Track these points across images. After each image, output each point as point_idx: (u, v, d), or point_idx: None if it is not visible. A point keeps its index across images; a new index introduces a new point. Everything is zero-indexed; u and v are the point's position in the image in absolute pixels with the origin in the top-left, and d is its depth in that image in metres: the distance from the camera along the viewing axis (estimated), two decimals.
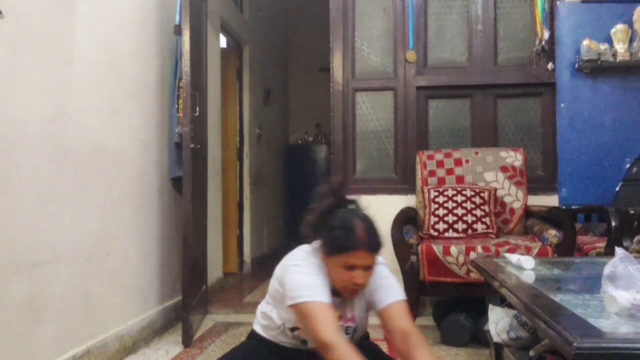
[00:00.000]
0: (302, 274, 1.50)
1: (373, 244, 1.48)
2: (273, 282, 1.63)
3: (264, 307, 1.69)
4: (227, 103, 4.78)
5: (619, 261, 1.23)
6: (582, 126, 3.30)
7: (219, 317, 3.32)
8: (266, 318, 1.67)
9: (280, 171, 6.55)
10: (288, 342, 1.64)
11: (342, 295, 1.53)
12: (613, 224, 2.50)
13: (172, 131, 2.99)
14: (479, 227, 2.91)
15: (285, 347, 1.65)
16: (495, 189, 3.07)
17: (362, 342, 1.72)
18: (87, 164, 2.28)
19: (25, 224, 1.89)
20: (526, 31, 3.49)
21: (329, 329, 1.40)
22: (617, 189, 3.22)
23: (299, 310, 1.46)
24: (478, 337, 2.62)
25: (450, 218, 2.95)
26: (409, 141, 3.51)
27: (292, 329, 1.59)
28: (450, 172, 3.21)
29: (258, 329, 1.70)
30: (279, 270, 1.59)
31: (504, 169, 3.16)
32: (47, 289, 2.00)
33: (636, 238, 2.48)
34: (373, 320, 1.66)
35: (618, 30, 3.21)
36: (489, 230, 2.91)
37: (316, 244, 1.57)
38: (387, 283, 1.57)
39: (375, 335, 1.85)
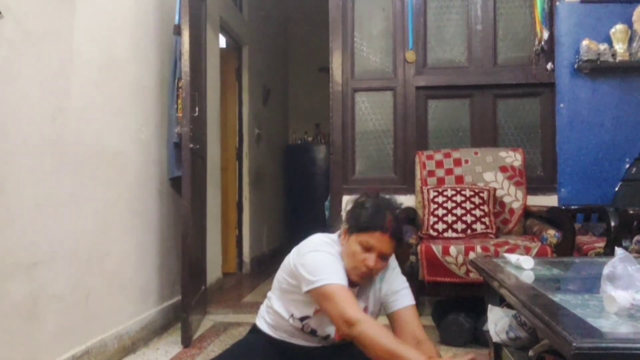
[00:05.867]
0: (320, 260, 1.54)
1: (396, 232, 1.54)
2: (281, 274, 1.64)
3: (269, 302, 1.70)
4: (226, 103, 4.78)
5: (618, 261, 1.23)
6: (582, 126, 3.30)
7: (218, 317, 3.32)
8: (272, 313, 1.67)
9: (279, 171, 6.54)
10: (296, 336, 1.64)
11: (352, 280, 1.55)
12: (612, 224, 2.50)
13: (171, 131, 2.99)
14: (478, 227, 2.91)
15: (286, 343, 1.65)
16: (495, 189, 3.07)
17: None
18: (86, 164, 2.28)
19: (25, 224, 1.89)
20: (526, 31, 3.49)
21: (353, 306, 1.44)
22: (617, 189, 3.22)
23: (319, 293, 1.48)
24: (477, 337, 2.62)
25: (449, 218, 2.95)
26: (408, 141, 3.51)
27: (302, 319, 1.60)
28: (449, 172, 3.20)
29: (261, 324, 1.71)
30: (292, 258, 1.61)
31: (503, 169, 3.16)
32: (46, 289, 2.00)
33: (635, 238, 2.48)
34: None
35: (617, 30, 3.21)
36: (488, 230, 2.90)
37: (336, 233, 1.63)
38: (404, 286, 1.64)
39: None
